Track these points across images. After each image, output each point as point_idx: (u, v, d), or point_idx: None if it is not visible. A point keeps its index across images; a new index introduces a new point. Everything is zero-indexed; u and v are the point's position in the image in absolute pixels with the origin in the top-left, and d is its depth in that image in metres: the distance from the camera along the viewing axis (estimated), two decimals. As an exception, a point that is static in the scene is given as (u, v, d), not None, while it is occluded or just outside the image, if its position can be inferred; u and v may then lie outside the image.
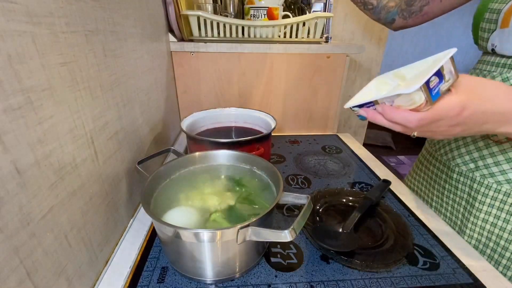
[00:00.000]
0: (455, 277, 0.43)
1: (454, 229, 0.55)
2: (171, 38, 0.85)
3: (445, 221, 0.58)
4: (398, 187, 0.66)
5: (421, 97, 0.32)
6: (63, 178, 0.33)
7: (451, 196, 0.58)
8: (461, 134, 0.36)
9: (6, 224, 0.25)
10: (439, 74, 0.31)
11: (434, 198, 0.63)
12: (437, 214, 0.58)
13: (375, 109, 0.36)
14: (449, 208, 0.59)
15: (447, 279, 0.42)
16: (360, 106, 0.38)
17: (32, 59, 0.28)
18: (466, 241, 0.53)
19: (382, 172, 0.74)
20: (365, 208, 0.53)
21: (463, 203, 0.55)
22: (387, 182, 0.63)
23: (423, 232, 0.52)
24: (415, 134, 0.37)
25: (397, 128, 0.36)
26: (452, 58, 0.32)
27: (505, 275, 0.49)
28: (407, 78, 0.37)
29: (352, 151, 0.85)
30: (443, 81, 0.32)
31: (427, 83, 0.31)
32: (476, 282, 0.42)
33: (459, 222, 0.56)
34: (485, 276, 0.43)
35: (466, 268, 0.44)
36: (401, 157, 2.68)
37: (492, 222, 0.51)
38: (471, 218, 0.53)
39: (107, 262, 0.44)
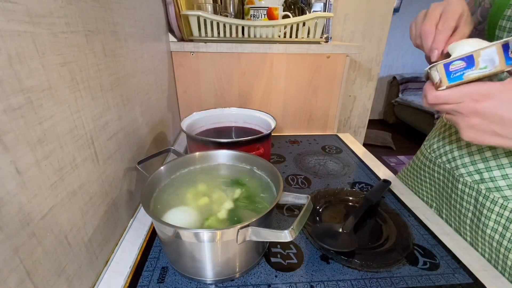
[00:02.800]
0: (455, 277, 0.43)
1: (466, 240, 0.52)
2: (171, 38, 0.85)
3: (456, 231, 0.54)
4: (398, 187, 0.66)
5: (435, 76, 0.34)
6: (63, 178, 0.33)
7: (458, 206, 0.54)
8: (483, 134, 0.33)
9: (6, 224, 0.25)
10: (468, 59, 0.31)
11: (444, 206, 0.58)
12: (449, 225, 0.55)
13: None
14: (457, 218, 0.55)
15: (447, 279, 0.42)
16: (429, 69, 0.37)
17: (32, 59, 0.28)
18: (481, 254, 0.49)
19: (382, 172, 0.74)
20: (365, 208, 0.53)
21: (470, 215, 0.51)
22: (387, 182, 0.63)
23: (423, 232, 0.52)
24: (443, 117, 0.37)
25: (423, 100, 0.37)
26: (502, 47, 0.31)
27: None
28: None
29: (352, 151, 0.85)
30: (473, 68, 0.32)
31: (447, 65, 0.32)
32: (476, 282, 0.42)
33: (468, 234, 0.52)
34: (485, 276, 0.43)
35: (466, 268, 0.44)
36: (401, 157, 2.68)
37: (497, 240, 0.46)
38: (480, 232, 0.49)
39: (107, 262, 0.44)
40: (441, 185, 0.59)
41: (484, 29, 0.49)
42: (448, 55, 0.37)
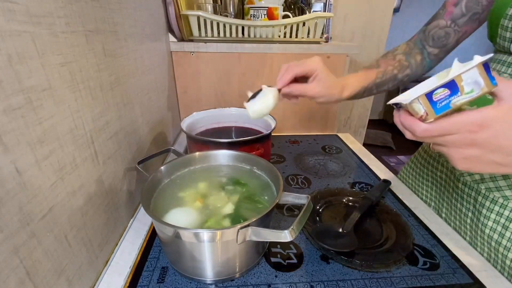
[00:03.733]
0: (455, 277, 0.43)
1: (465, 239, 0.52)
2: (171, 38, 0.85)
3: (455, 230, 0.55)
4: (398, 187, 0.66)
5: (419, 109, 0.31)
6: (63, 178, 0.33)
7: (458, 205, 0.54)
8: (481, 164, 0.31)
9: (6, 224, 0.25)
10: (451, 85, 0.29)
11: (445, 205, 0.59)
12: (448, 224, 0.55)
13: (399, 110, 0.36)
14: (457, 217, 0.55)
15: (447, 279, 0.42)
16: (396, 104, 0.36)
17: (32, 59, 0.28)
18: (479, 253, 0.49)
19: (382, 172, 0.74)
20: (365, 208, 0.53)
21: (470, 214, 0.52)
22: (387, 182, 0.63)
23: (423, 232, 0.52)
24: (432, 148, 0.35)
25: (407, 134, 0.35)
26: (482, 66, 0.28)
27: None
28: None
29: (352, 151, 0.85)
30: (458, 93, 0.29)
31: (429, 95, 0.29)
32: (476, 282, 0.42)
33: (468, 233, 0.52)
34: (485, 276, 0.43)
35: (466, 268, 0.44)
36: (401, 157, 2.68)
37: (496, 240, 0.47)
38: (479, 232, 0.50)
39: (107, 262, 0.44)
40: (442, 183, 0.59)
41: (462, 22, 0.52)
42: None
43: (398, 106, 0.36)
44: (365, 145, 1.10)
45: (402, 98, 0.34)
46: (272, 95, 0.49)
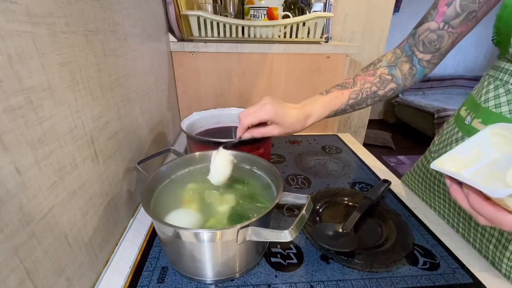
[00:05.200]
0: (455, 277, 0.43)
1: (487, 260, 0.47)
2: (171, 38, 0.85)
3: (475, 249, 0.50)
4: (398, 187, 0.66)
5: None
6: (63, 178, 0.33)
7: (479, 229, 0.49)
8: None
9: (6, 224, 0.25)
10: None
11: (461, 225, 0.53)
12: (465, 241, 0.51)
13: (461, 185, 0.30)
14: (478, 236, 0.49)
15: (447, 279, 0.42)
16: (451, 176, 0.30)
17: (32, 59, 0.28)
18: (504, 275, 0.44)
19: (382, 172, 0.74)
20: (365, 208, 0.53)
21: (496, 234, 0.46)
22: (387, 182, 0.63)
23: (423, 232, 0.52)
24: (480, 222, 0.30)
25: (481, 221, 0.30)
26: None
27: None
28: None
29: (352, 151, 0.85)
30: None
31: None
32: (476, 282, 0.42)
33: (490, 253, 0.47)
34: (485, 276, 0.43)
35: (466, 268, 0.44)
36: (401, 157, 2.68)
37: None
38: (507, 253, 0.44)
39: (107, 262, 0.44)
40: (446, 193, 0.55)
41: (456, 23, 0.46)
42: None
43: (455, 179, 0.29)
44: (365, 145, 1.10)
45: (467, 175, 0.28)
46: (221, 161, 0.47)
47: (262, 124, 0.50)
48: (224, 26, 0.86)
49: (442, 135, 0.59)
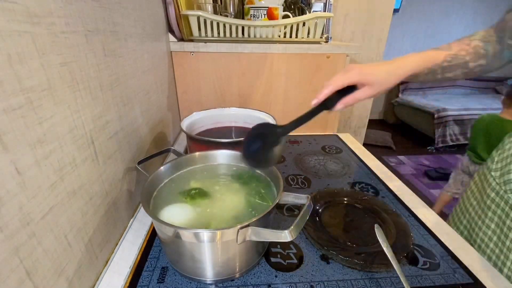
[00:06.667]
0: (455, 277, 0.43)
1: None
2: (171, 38, 0.85)
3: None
4: (398, 187, 0.66)
5: None
6: (63, 178, 0.33)
7: None
8: None
9: (6, 224, 0.25)
10: None
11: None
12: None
13: None
14: None
15: (447, 279, 0.42)
16: None
17: (32, 59, 0.28)
18: None
19: (382, 172, 0.74)
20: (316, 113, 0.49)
21: None
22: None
23: (423, 232, 0.52)
24: None
25: None
26: None
27: None
28: None
29: (352, 151, 0.85)
30: None
31: None
32: (476, 282, 0.42)
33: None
34: (485, 276, 0.43)
35: (466, 268, 0.44)
36: (401, 157, 2.67)
37: None
38: None
39: (107, 262, 0.44)
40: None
41: None
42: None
43: None
44: (365, 145, 1.10)
45: None
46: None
47: (350, 91, 0.47)
48: (224, 26, 0.86)
49: (504, 151, 0.54)
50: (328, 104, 0.46)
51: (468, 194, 0.62)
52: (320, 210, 0.56)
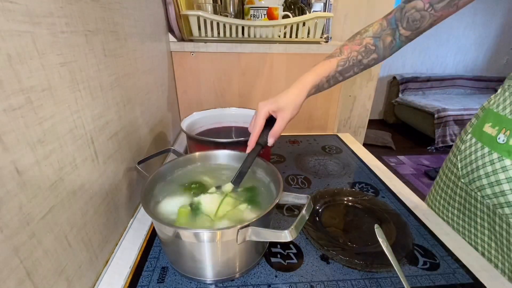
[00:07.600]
0: (455, 277, 0.43)
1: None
2: (171, 38, 0.85)
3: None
4: (398, 187, 0.66)
5: None
6: (63, 178, 0.33)
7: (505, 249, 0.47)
8: None
9: (6, 224, 0.25)
10: None
11: (493, 252, 0.50)
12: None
13: None
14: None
15: (447, 279, 0.42)
16: None
17: (32, 59, 0.28)
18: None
19: (382, 172, 0.74)
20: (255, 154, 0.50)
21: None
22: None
23: (423, 232, 0.52)
24: None
25: None
26: None
27: None
28: None
29: (352, 151, 0.85)
30: None
31: None
32: (476, 282, 0.42)
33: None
34: (485, 276, 0.43)
35: (466, 268, 0.44)
36: (401, 157, 2.67)
37: None
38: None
39: (107, 262, 0.44)
40: (498, 230, 0.49)
41: (439, 7, 0.47)
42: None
43: None
44: (365, 145, 1.10)
45: None
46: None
47: (269, 126, 0.51)
48: (224, 26, 0.86)
49: (465, 157, 0.53)
50: (261, 143, 0.50)
51: (438, 191, 0.63)
52: (320, 210, 0.56)
